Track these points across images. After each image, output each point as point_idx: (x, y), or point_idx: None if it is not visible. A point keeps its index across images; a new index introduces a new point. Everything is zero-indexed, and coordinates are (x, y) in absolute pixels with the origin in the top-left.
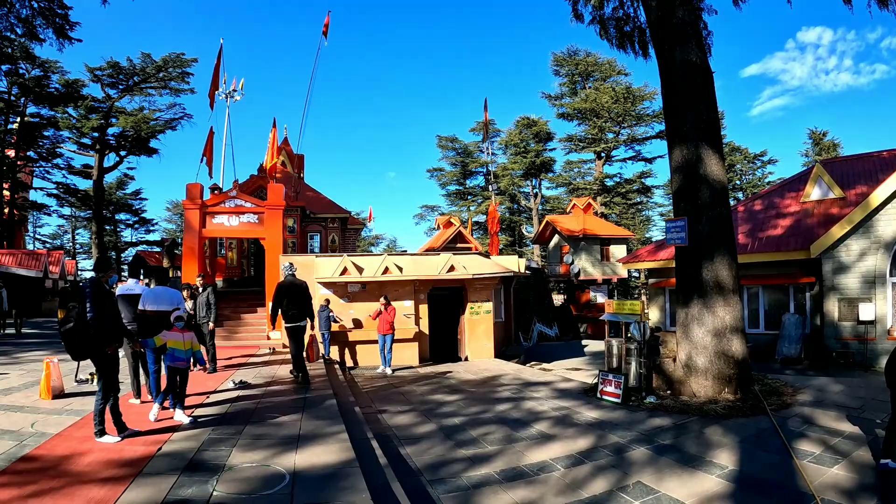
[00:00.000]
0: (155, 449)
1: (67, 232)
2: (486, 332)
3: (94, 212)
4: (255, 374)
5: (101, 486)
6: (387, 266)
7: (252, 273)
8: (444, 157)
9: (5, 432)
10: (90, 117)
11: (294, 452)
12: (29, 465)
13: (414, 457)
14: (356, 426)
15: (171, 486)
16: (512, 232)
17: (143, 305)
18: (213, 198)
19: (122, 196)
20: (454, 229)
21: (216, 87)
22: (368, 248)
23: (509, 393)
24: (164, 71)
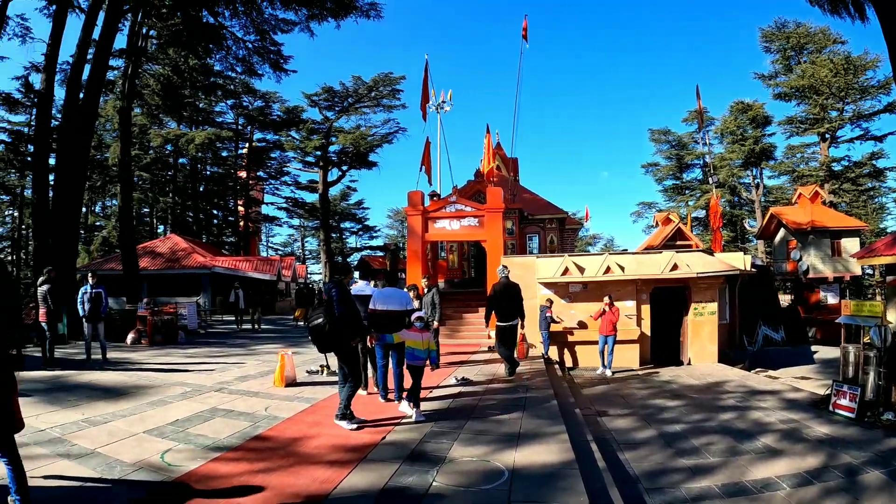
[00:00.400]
0: (379, 437)
1: (297, 240)
2: (709, 334)
3: (322, 222)
4: (477, 372)
5: (327, 468)
6: (608, 265)
7: (472, 275)
8: (658, 151)
9: (241, 414)
10: (312, 138)
11: (513, 450)
12: (260, 444)
13: (632, 462)
14: (575, 427)
15: (392, 473)
16: (733, 227)
17: (373, 305)
18: (433, 204)
19: (346, 206)
20: (673, 226)
21: (426, 100)
22: (585, 248)
23: (734, 401)
24: (375, 90)
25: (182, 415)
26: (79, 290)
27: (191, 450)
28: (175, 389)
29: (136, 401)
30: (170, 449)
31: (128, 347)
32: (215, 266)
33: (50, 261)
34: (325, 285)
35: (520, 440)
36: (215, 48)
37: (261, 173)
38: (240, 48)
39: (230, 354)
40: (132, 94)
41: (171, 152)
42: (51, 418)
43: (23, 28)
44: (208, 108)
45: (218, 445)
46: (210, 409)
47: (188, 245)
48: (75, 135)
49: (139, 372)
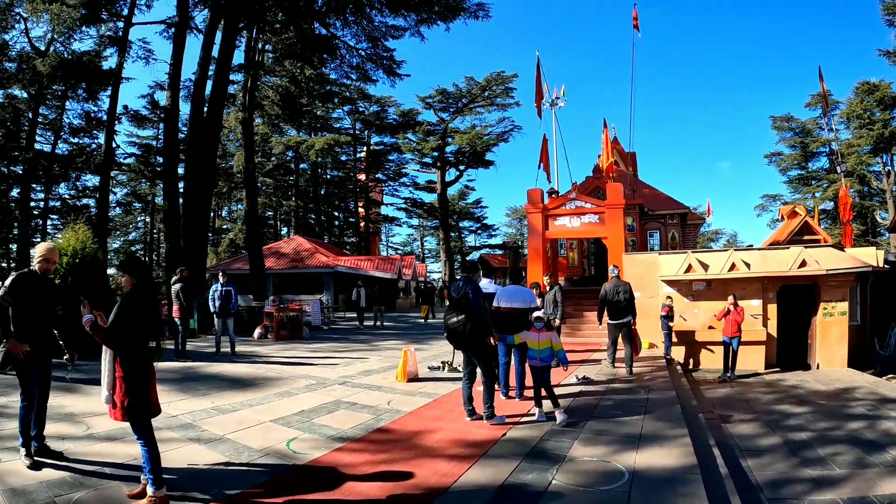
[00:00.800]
0: (500, 434)
1: (416, 239)
2: (839, 336)
3: (441, 221)
4: (597, 372)
5: (448, 462)
6: (733, 262)
7: (592, 272)
8: (781, 140)
9: (364, 407)
10: (428, 140)
11: (634, 451)
12: (382, 436)
13: (755, 470)
14: (697, 431)
15: (512, 469)
16: (863, 219)
17: (497, 303)
18: (553, 201)
19: (464, 205)
20: (799, 220)
21: (541, 98)
22: (707, 245)
23: (863, 409)
24: (488, 90)
25: (307, 406)
26: (210, 289)
27: (315, 439)
28: (300, 382)
29: (263, 391)
30: (295, 437)
31: (255, 342)
32: (338, 265)
33: (181, 262)
34: (454, 284)
35: (640, 442)
36: (329, 58)
37: (379, 175)
38: (353, 56)
39: (353, 350)
40: (252, 105)
41: (293, 158)
42: (182, 405)
43: (145, 51)
44: (326, 114)
45: (341, 436)
46: (334, 401)
47: (311, 245)
48: (202, 146)
49: (266, 365)
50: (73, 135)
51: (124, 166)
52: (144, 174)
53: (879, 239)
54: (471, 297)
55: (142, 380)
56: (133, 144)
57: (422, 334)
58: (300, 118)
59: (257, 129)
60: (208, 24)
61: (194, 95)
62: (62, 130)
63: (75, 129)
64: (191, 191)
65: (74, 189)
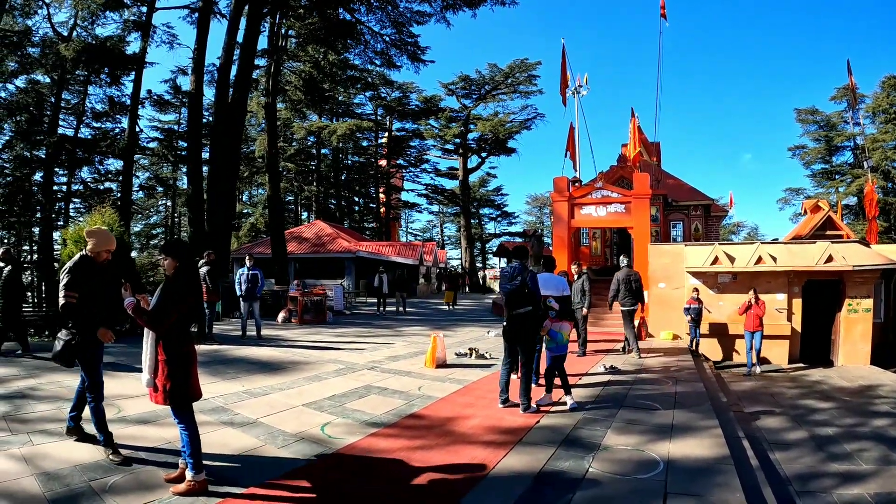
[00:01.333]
0: (533, 422)
1: (436, 226)
2: (863, 333)
3: (462, 208)
4: (623, 361)
5: (484, 448)
6: (759, 255)
7: (615, 262)
8: (806, 133)
9: (395, 392)
10: (450, 126)
11: (667, 441)
12: (416, 422)
13: (783, 463)
14: (727, 424)
15: (548, 457)
16: (887, 216)
17: None
18: (578, 190)
19: (485, 193)
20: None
21: (566, 85)
22: (729, 237)
23: (888, 407)
24: (511, 77)
25: (338, 391)
26: (236, 272)
27: (349, 424)
28: (329, 366)
29: (293, 375)
30: (329, 422)
31: (279, 325)
32: (359, 250)
33: (206, 245)
34: (504, 271)
35: (673, 432)
36: (353, 43)
37: (401, 161)
38: (377, 42)
39: (378, 335)
40: (276, 90)
41: (314, 143)
42: (213, 389)
43: (169, 35)
44: (348, 100)
45: (375, 421)
46: (364, 386)
47: (333, 230)
48: (226, 130)
49: (292, 348)
50: (95, 119)
51: (147, 150)
52: (168, 158)
53: None
54: (529, 285)
55: (184, 364)
56: (155, 129)
57: (445, 321)
58: (322, 104)
59: (280, 114)
60: (233, 10)
61: (219, 80)
62: (85, 115)
63: (98, 113)
64: (215, 175)
65: (97, 173)
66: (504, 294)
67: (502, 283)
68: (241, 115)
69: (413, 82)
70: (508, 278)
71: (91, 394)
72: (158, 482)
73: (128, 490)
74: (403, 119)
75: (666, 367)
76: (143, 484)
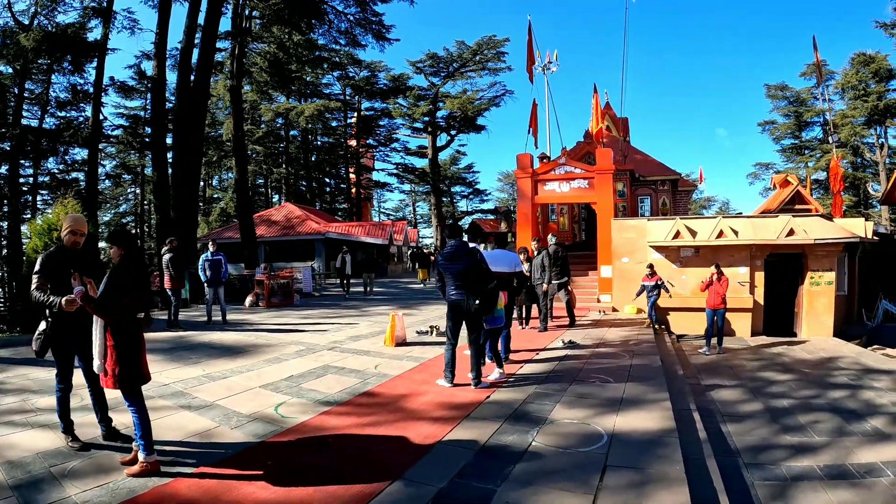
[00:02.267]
0: (483, 397)
1: (409, 205)
2: (825, 306)
3: (432, 186)
4: (584, 336)
5: (432, 424)
6: (721, 229)
7: (583, 237)
8: (775, 108)
9: (352, 371)
10: (419, 105)
11: (615, 415)
12: (368, 400)
13: (734, 436)
14: (680, 396)
15: (493, 431)
16: (856, 191)
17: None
18: (542, 166)
19: (456, 171)
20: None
21: (532, 62)
22: (699, 212)
23: (846, 379)
24: (479, 54)
25: (296, 371)
26: (200, 258)
27: (303, 403)
28: (290, 348)
29: (253, 358)
30: (283, 402)
31: (246, 310)
32: (328, 232)
33: (172, 232)
34: (446, 250)
35: (622, 405)
36: (317, 23)
37: (370, 141)
38: (341, 21)
39: (343, 316)
40: (241, 72)
41: (282, 125)
42: (173, 374)
43: (130, 21)
44: (315, 80)
45: (328, 400)
46: (322, 366)
47: (302, 212)
48: (189, 115)
49: (256, 332)
50: (60, 108)
51: (112, 138)
52: (133, 145)
53: (871, 210)
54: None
55: (132, 349)
56: (121, 116)
57: (412, 300)
58: (289, 85)
59: (246, 96)
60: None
61: (181, 64)
62: (49, 104)
63: (62, 102)
64: (180, 160)
65: (63, 163)
66: (453, 273)
67: (445, 263)
68: (203, 98)
69: (381, 61)
70: (452, 257)
71: (60, 384)
72: (115, 465)
73: (86, 474)
74: (372, 98)
75: (625, 341)
76: (100, 468)
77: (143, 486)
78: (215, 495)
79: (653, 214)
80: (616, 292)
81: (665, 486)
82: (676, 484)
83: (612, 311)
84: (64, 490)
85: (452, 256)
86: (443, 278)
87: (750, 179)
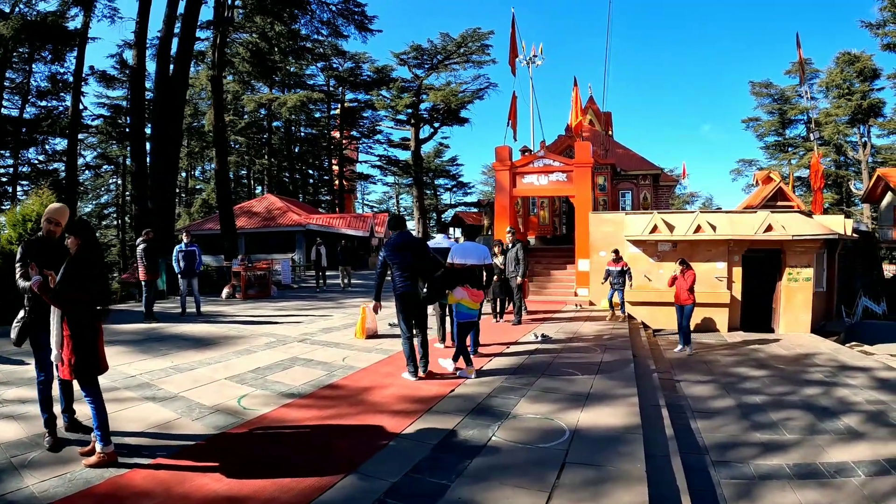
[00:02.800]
0: (448, 390)
1: (392, 197)
2: (803, 302)
3: (415, 178)
4: (558, 329)
5: (393, 417)
6: (699, 224)
7: (563, 231)
8: (760, 106)
9: (319, 363)
10: (402, 96)
11: (579, 410)
12: (332, 392)
13: (703, 432)
14: (650, 392)
15: (454, 425)
16: (838, 189)
17: (451, 259)
18: (522, 159)
19: (439, 163)
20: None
21: (515, 55)
22: (682, 206)
23: (821, 375)
24: (463, 46)
25: (263, 363)
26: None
27: (266, 395)
28: (261, 340)
29: (223, 350)
30: (247, 394)
31: (223, 301)
32: (309, 223)
33: (150, 223)
34: (390, 241)
35: (587, 400)
36: (300, 13)
37: (354, 133)
38: (324, 11)
39: (319, 308)
40: (222, 62)
41: (265, 116)
42: (142, 366)
43: (111, 9)
44: (299, 71)
45: (292, 392)
46: (290, 358)
47: (283, 204)
48: (168, 105)
49: (229, 324)
50: (40, 98)
51: (92, 128)
52: (112, 135)
53: (853, 209)
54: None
55: (88, 339)
56: (103, 105)
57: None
58: (272, 75)
59: (229, 86)
60: None
61: (160, 53)
62: (30, 94)
63: (43, 91)
64: (158, 151)
65: (44, 153)
66: (400, 264)
67: (392, 254)
68: (182, 88)
69: (366, 52)
70: (399, 247)
71: (41, 373)
72: (74, 456)
73: (45, 464)
74: (356, 90)
75: (599, 336)
76: (59, 458)
77: (99, 476)
78: (168, 486)
79: (634, 209)
80: (593, 286)
81: (624, 484)
82: (636, 482)
83: (588, 305)
84: (22, 480)
85: (399, 247)
86: (386, 270)
87: (733, 175)
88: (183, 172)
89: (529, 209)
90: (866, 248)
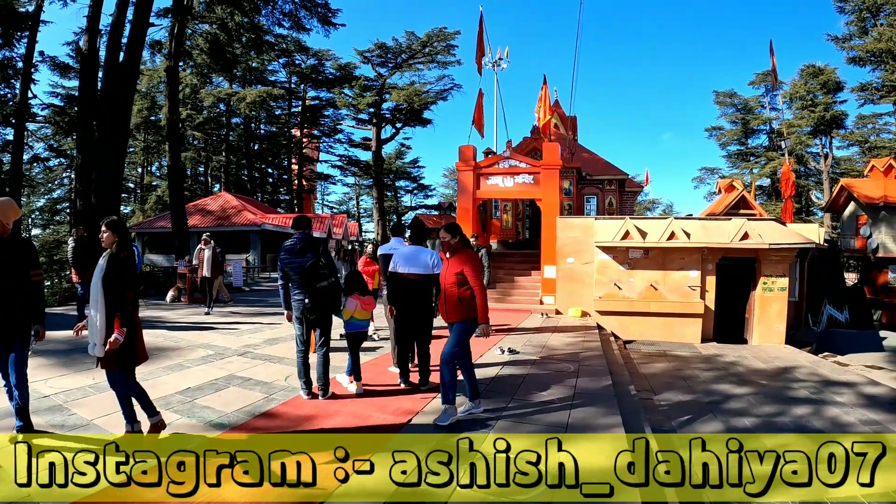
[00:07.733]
0: (405, 419)
1: (352, 198)
2: (778, 312)
3: (375, 179)
4: (525, 342)
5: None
6: (673, 231)
7: (527, 235)
8: (723, 115)
9: (258, 384)
10: (365, 95)
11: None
12: (266, 423)
13: None
14: (632, 415)
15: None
16: (798, 198)
17: (393, 266)
18: (486, 160)
19: (401, 165)
20: (737, 194)
21: (482, 54)
22: (644, 213)
23: (807, 392)
24: (429, 46)
25: (196, 382)
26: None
27: (191, 425)
28: (198, 352)
29: (154, 365)
30: (169, 424)
31: (167, 305)
32: (265, 223)
33: (93, 220)
34: (289, 243)
35: (567, 431)
36: (262, 4)
37: (315, 131)
38: (286, 3)
39: (267, 314)
40: (179, 53)
41: (224, 112)
42: (59, 383)
43: None
44: (261, 67)
45: (221, 422)
46: (227, 375)
47: (239, 203)
48: (116, 94)
49: (167, 332)
50: None
51: (39, 118)
52: (61, 126)
53: (812, 218)
54: (326, 259)
55: (136, 332)
56: (56, 95)
57: None
58: (231, 69)
59: (187, 79)
60: None
61: (111, 39)
62: None
63: None
64: (103, 143)
65: None
66: (295, 270)
67: (287, 258)
68: (132, 77)
69: (329, 49)
70: (296, 251)
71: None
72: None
73: None
74: (318, 87)
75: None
76: None
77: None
78: None
79: (599, 214)
80: (560, 294)
81: None
82: None
83: (555, 314)
84: None
85: (296, 251)
86: (287, 278)
87: (695, 183)
88: (139, 168)
89: (492, 213)
90: (829, 258)
